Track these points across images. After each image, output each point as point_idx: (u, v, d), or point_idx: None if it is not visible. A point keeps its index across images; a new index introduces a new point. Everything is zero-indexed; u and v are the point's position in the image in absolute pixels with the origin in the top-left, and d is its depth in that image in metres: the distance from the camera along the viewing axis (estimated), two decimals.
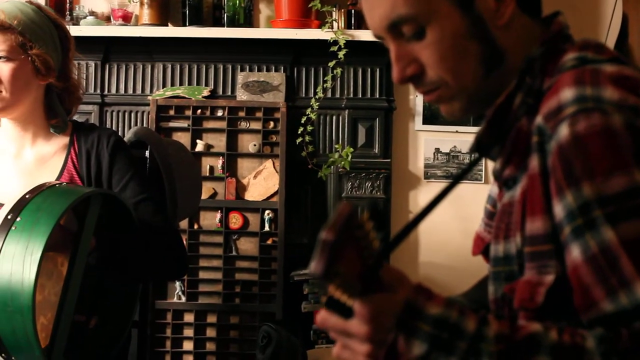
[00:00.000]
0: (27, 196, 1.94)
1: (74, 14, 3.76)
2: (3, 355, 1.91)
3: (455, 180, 1.25)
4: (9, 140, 2.34)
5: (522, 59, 1.26)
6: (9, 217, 1.89)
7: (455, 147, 3.80)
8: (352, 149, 3.67)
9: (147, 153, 2.59)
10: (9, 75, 2.20)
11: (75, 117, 3.67)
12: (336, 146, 3.71)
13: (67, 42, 2.35)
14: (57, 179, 2.26)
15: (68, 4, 3.76)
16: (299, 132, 3.68)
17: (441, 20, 1.22)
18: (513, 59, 1.27)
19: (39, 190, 1.96)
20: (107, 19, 3.81)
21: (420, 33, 1.23)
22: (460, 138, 3.81)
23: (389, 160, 3.75)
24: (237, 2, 3.72)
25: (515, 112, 1.25)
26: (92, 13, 3.80)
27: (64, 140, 2.34)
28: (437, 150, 3.81)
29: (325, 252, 1.05)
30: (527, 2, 1.28)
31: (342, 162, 3.65)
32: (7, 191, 2.20)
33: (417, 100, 3.82)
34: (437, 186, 3.81)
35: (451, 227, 3.76)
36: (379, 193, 3.71)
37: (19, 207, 1.90)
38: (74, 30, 3.59)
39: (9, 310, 1.82)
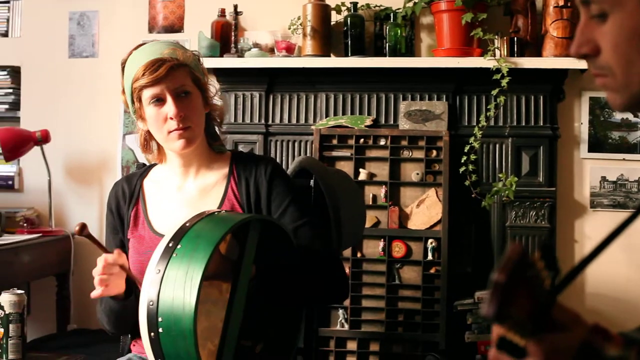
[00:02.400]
0: (186, 224, 2.02)
1: (239, 46, 3.99)
2: None
3: (635, 214, 1.22)
4: (174, 173, 2.47)
5: None
6: (170, 244, 1.98)
7: (622, 175, 3.87)
8: (516, 178, 3.76)
9: (311, 182, 2.70)
10: (194, 109, 2.34)
11: (241, 147, 3.94)
12: (500, 175, 3.81)
13: (204, 69, 2.49)
14: (219, 208, 2.37)
15: (233, 37, 4.00)
16: (462, 160, 3.79)
17: (623, 13, 1.25)
18: None
19: (199, 218, 2.05)
20: (270, 51, 4.03)
21: (603, 16, 1.28)
22: (628, 166, 3.87)
23: (553, 188, 3.82)
24: (399, 31, 3.89)
25: None
26: (256, 45, 4.02)
27: (223, 170, 2.45)
28: (604, 179, 3.88)
29: (497, 294, 1.08)
30: None
31: (506, 192, 3.75)
32: (172, 223, 2.29)
33: (582, 128, 3.91)
34: (604, 215, 3.88)
35: (618, 259, 3.81)
36: (543, 222, 3.80)
37: (179, 235, 2.00)
38: (239, 62, 3.86)
39: (173, 335, 1.89)
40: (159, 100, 2.32)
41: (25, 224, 4.18)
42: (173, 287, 1.91)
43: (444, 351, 3.67)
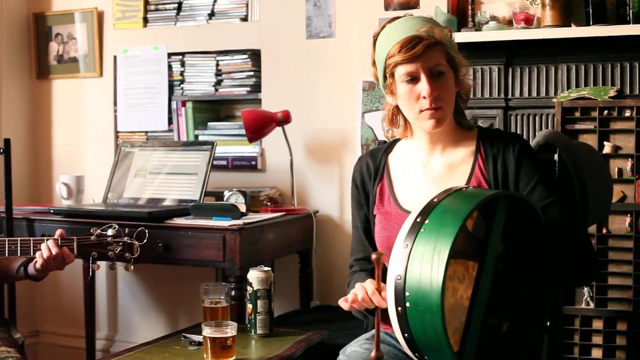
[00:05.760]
0: (434, 200, 2.13)
1: (476, 20, 4.15)
2: (417, 354, 2.13)
3: None
4: (420, 150, 2.60)
5: None
6: (418, 220, 2.09)
7: None
8: None
9: (555, 156, 2.79)
10: (447, 89, 2.47)
11: (480, 122, 4.10)
12: None
13: (455, 46, 2.58)
14: (466, 185, 2.48)
15: (470, 11, 4.18)
16: None
17: None
18: None
19: (446, 194, 2.16)
20: (508, 23, 4.16)
21: None
22: None
23: None
24: None
25: None
26: (493, 18, 4.17)
27: (470, 147, 2.57)
28: None
29: None
30: None
31: None
32: (418, 199, 2.42)
33: None
34: None
35: None
36: None
37: (427, 210, 2.10)
38: (477, 36, 4.02)
39: (420, 310, 1.99)
40: (413, 79, 2.45)
41: (268, 203, 4.49)
42: (420, 262, 2.01)
43: None
